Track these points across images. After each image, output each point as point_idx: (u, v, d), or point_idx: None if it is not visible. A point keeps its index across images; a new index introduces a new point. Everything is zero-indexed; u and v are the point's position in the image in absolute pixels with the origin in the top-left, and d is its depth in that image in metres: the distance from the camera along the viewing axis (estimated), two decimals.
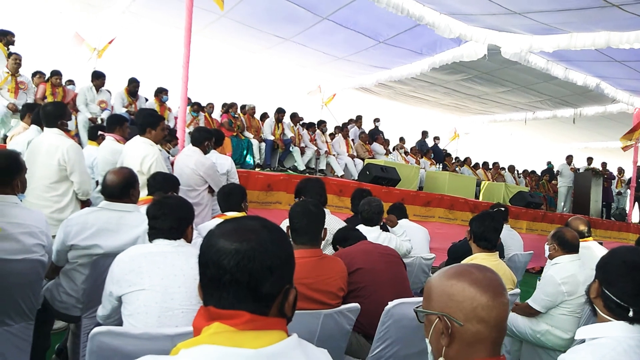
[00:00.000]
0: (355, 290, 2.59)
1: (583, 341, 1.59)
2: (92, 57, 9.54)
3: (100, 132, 5.60)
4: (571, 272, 3.15)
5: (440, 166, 11.05)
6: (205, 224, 3.49)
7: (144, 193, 3.26)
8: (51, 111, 3.57)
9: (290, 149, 9.02)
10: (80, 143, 5.79)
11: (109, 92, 7.74)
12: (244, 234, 0.96)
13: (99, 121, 6.88)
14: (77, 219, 2.53)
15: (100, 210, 2.60)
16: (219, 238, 0.96)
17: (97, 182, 4.14)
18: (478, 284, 1.08)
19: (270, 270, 0.95)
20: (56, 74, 7.18)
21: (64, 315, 2.62)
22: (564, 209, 11.64)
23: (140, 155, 3.74)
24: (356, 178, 8.42)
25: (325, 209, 2.85)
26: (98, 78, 7.37)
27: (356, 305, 2.28)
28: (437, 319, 1.11)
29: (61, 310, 2.60)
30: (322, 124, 10.14)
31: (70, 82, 8.46)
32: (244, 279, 0.92)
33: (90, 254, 2.50)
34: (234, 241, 0.94)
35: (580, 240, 3.65)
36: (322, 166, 9.44)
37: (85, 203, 3.60)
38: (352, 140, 10.33)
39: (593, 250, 3.92)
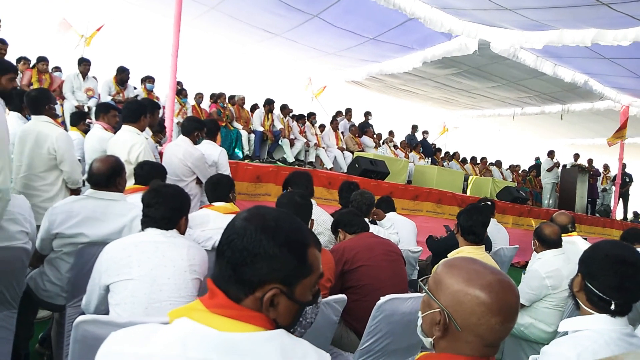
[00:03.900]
0: (355, 288, 2.58)
1: (566, 334, 1.62)
2: (79, 44, 9.39)
3: (88, 120, 5.57)
4: (555, 267, 3.19)
5: (429, 160, 11.10)
6: (192, 215, 3.46)
7: (130, 182, 3.23)
8: (37, 97, 3.51)
9: (280, 141, 8.99)
10: (66, 131, 5.73)
11: (95, 79, 7.64)
12: (254, 217, 0.99)
13: (86, 109, 6.80)
14: (63, 207, 2.50)
15: (86, 199, 2.57)
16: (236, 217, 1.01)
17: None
18: (494, 304, 1.02)
19: (252, 258, 0.93)
20: (43, 59, 7.07)
21: (48, 304, 2.59)
22: (550, 203, 11.77)
23: (128, 144, 3.69)
24: (345, 171, 8.42)
25: (312, 201, 2.84)
26: (82, 64, 7.27)
27: (343, 296, 2.29)
28: (438, 310, 1.09)
29: (45, 299, 2.56)
30: (311, 116, 10.12)
31: (57, 69, 8.34)
32: (227, 254, 0.95)
33: (76, 242, 2.47)
34: (243, 219, 0.98)
35: (565, 235, 3.70)
36: (312, 158, 9.43)
37: (74, 192, 3.56)
38: (342, 133, 10.33)
39: (577, 245, 3.96)
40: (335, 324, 2.32)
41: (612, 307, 1.53)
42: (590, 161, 12.44)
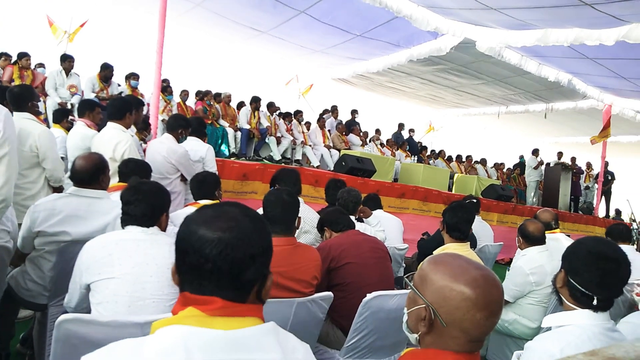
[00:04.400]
0: (341, 285, 2.58)
1: (550, 329, 1.64)
2: (62, 40, 9.24)
3: (70, 117, 5.49)
4: (539, 263, 3.23)
5: (415, 158, 11.16)
6: (177, 212, 3.43)
7: (115, 180, 3.19)
8: (19, 93, 3.44)
9: (266, 139, 8.96)
10: (48, 128, 5.65)
11: (79, 76, 7.52)
12: (226, 222, 0.95)
13: (69, 106, 6.69)
14: (45, 205, 2.46)
15: (69, 197, 2.53)
16: (200, 225, 0.94)
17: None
18: (479, 299, 1.03)
19: (253, 258, 0.95)
20: (25, 55, 6.95)
21: (30, 303, 2.55)
22: (533, 201, 11.91)
23: (113, 141, 3.65)
24: (332, 169, 8.42)
25: (299, 199, 2.84)
26: (66, 60, 7.15)
27: (329, 294, 2.29)
28: (424, 306, 1.10)
29: (27, 298, 2.53)
30: (298, 113, 10.10)
31: (41, 65, 8.19)
32: (225, 268, 0.92)
33: (58, 240, 2.43)
34: (216, 229, 0.93)
35: (548, 232, 3.75)
36: (298, 156, 9.42)
37: (57, 190, 3.51)
38: (329, 130, 10.33)
39: (561, 241, 4.01)
40: (322, 322, 2.32)
41: (595, 302, 1.55)
42: (573, 159, 12.62)
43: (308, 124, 10.43)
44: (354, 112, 11.35)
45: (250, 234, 0.95)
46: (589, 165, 13.71)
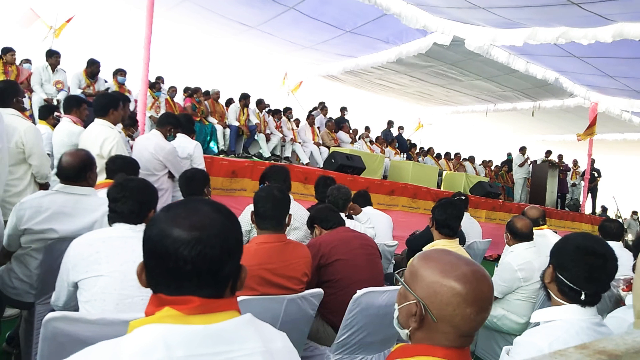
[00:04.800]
0: (331, 281, 2.59)
1: (538, 324, 1.65)
2: (48, 35, 9.11)
3: (56, 114, 5.42)
4: (527, 259, 3.26)
5: (405, 156, 11.21)
6: None
7: (102, 177, 3.16)
8: (4, 89, 3.38)
9: (256, 136, 8.93)
10: (34, 124, 5.57)
11: (65, 72, 7.42)
12: (199, 221, 0.93)
13: (55, 102, 6.60)
14: (31, 202, 2.42)
15: (55, 194, 2.50)
16: (172, 226, 0.92)
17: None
18: (469, 294, 1.04)
19: (230, 254, 0.95)
20: (9, 50, 6.83)
21: (16, 301, 2.51)
22: (521, 198, 12.03)
23: (100, 138, 3.60)
24: (322, 166, 8.42)
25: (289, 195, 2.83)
26: (52, 56, 7.05)
27: (319, 290, 2.29)
28: (414, 302, 1.10)
29: (13, 297, 2.49)
30: (287, 110, 10.08)
31: (27, 61, 8.07)
32: (205, 267, 0.91)
33: (45, 238, 2.40)
34: (192, 229, 0.91)
35: (536, 228, 3.79)
36: (288, 153, 9.40)
37: (43, 186, 3.46)
38: (318, 128, 10.33)
39: (548, 238, 4.06)
40: (312, 318, 2.32)
41: (583, 297, 1.57)
42: (560, 157, 12.76)
43: (297, 121, 10.42)
44: (343, 110, 11.35)
45: (225, 229, 0.95)
46: (575, 163, 13.88)
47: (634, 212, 16.89)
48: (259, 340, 0.94)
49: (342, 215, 3.60)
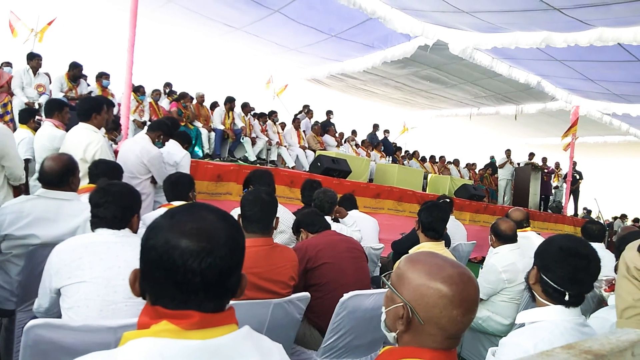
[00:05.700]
0: (318, 285, 2.57)
1: (523, 325, 1.67)
2: (29, 38, 8.95)
3: (38, 117, 5.33)
4: (511, 261, 3.29)
5: (390, 159, 11.24)
6: (150, 214, 3.37)
7: (85, 182, 3.11)
8: None
9: (241, 139, 8.89)
10: (15, 129, 5.47)
11: (47, 75, 7.30)
12: (207, 230, 0.88)
13: (37, 106, 6.50)
14: (12, 208, 2.38)
15: (37, 199, 2.46)
16: (178, 236, 0.86)
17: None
18: (455, 296, 1.05)
19: (238, 264, 0.93)
20: None
21: None
22: (505, 200, 12.16)
23: (84, 142, 3.55)
24: (307, 169, 8.41)
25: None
26: (33, 59, 6.93)
27: (306, 294, 2.28)
28: (401, 304, 1.10)
29: None
30: (273, 114, 10.06)
31: (8, 64, 7.93)
32: (213, 279, 0.87)
33: (26, 244, 2.36)
34: (200, 240, 0.86)
35: (520, 230, 3.83)
36: (273, 157, 9.37)
37: (17, 189, 3.39)
38: (304, 131, 10.32)
39: (532, 239, 4.11)
40: (299, 322, 2.31)
41: (567, 297, 1.59)
42: (544, 160, 12.94)
43: (283, 125, 10.40)
44: (329, 113, 11.37)
45: (232, 238, 0.91)
46: (557, 165, 14.08)
47: (623, 215, 17.23)
48: (257, 354, 0.91)
49: (329, 218, 3.60)
